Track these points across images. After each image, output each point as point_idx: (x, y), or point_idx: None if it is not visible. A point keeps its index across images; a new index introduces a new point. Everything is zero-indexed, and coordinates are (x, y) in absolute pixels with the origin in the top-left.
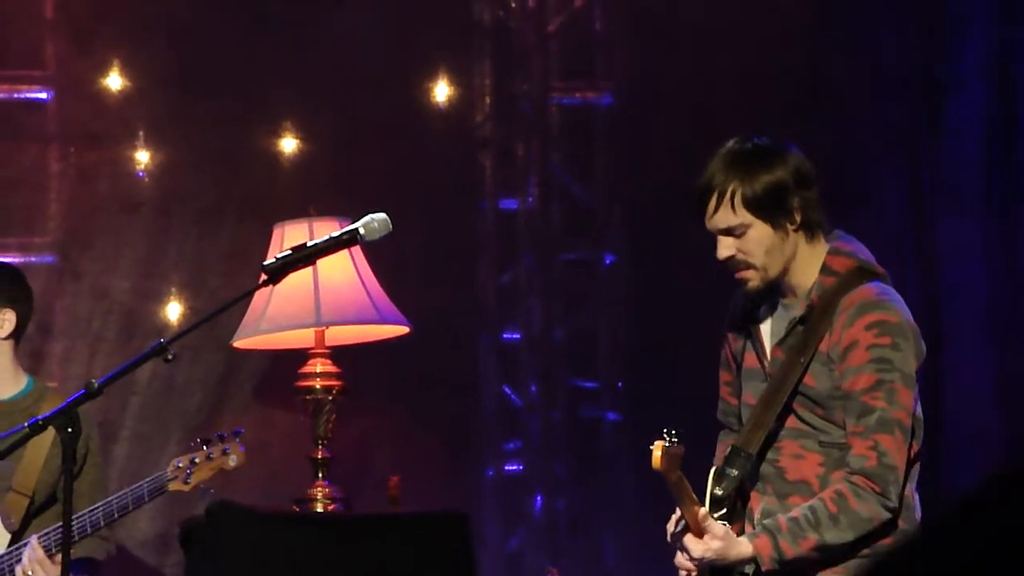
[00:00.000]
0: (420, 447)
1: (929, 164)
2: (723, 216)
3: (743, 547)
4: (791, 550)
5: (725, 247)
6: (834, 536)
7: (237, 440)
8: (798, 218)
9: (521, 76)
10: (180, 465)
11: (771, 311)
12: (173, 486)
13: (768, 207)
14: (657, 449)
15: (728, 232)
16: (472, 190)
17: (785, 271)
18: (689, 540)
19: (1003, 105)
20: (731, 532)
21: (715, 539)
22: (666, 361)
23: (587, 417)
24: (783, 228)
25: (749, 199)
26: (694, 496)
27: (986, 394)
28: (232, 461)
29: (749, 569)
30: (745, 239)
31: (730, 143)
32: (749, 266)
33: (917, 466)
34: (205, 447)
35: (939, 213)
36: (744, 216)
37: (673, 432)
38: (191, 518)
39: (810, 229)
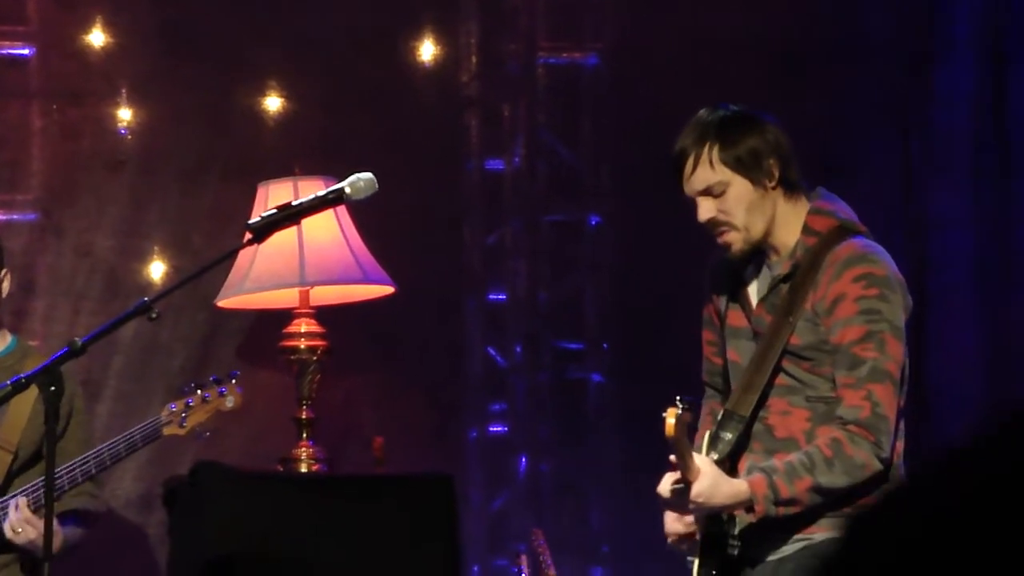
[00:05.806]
0: (405, 408)
1: (918, 134)
2: (701, 175)
3: (738, 485)
4: (787, 489)
5: (705, 209)
6: (828, 480)
7: (234, 382)
8: (776, 174)
9: (508, 35)
10: (174, 409)
11: (757, 271)
12: (168, 431)
13: (746, 163)
14: (671, 416)
15: (707, 192)
16: (458, 150)
17: (768, 232)
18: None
19: (993, 74)
20: (721, 472)
21: (705, 476)
22: (652, 323)
23: (572, 379)
24: (762, 185)
25: (728, 155)
26: (695, 460)
27: (973, 362)
28: (229, 402)
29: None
30: (725, 198)
31: (702, 112)
32: (731, 227)
33: (902, 423)
34: (200, 390)
35: (929, 183)
36: (723, 172)
37: (684, 399)
38: (174, 477)
39: (789, 187)
